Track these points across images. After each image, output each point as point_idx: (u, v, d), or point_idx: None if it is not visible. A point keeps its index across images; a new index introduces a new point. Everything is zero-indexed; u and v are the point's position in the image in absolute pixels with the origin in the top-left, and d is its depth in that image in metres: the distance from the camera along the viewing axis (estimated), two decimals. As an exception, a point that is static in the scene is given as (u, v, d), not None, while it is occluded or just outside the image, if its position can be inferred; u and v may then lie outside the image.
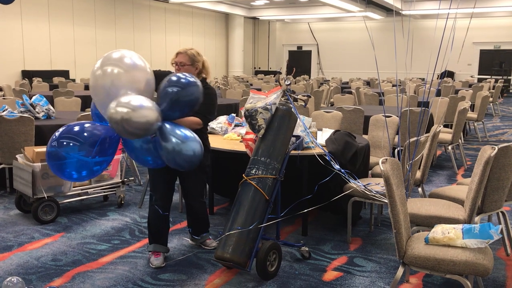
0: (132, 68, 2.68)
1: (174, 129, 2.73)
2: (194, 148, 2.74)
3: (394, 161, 2.62)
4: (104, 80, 2.63)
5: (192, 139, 2.75)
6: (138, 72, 2.70)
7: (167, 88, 2.73)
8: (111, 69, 2.62)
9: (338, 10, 20.58)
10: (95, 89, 2.69)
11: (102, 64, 2.66)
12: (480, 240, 2.40)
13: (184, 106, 2.75)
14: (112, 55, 2.69)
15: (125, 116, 2.49)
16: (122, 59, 2.67)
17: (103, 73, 2.63)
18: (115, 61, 2.65)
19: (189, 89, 2.74)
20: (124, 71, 2.64)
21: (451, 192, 3.53)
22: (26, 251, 3.54)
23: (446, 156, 7.16)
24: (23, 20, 15.59)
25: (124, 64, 2.65)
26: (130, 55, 2.71)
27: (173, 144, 2.68)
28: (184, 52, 3.30)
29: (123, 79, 2.63)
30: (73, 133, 2.67)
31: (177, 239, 3.81)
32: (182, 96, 2.71)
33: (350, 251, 3.62)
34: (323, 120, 5.41)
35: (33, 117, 5.35)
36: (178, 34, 22.06)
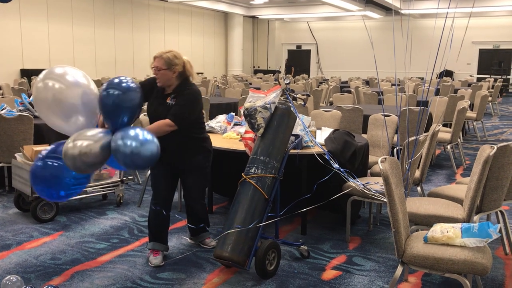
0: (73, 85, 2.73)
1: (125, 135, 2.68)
2: (152, 150, 2.65)
3: (393, 160, 2.62)
4: (46, 94, 2.69)
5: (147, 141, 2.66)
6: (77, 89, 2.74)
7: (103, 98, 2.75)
8: (53, 84, 2.69)
9: (337, 9, 20.58)
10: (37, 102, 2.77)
11: (44, 77, 2.74)
12: (479, 239, 2.41)
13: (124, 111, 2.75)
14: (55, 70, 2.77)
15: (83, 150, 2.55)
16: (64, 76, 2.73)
17: (45, 86, 2.70)
18: (57, 76, 2.72)
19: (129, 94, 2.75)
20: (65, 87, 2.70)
21: (450, 191, 3.53)
22: (25, 250, 3.54)
23: (445, 155, 7.16)
24: (22, 19, 15.57)
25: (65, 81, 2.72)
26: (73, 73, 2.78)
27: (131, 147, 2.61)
28: (159, 56, 3.22)
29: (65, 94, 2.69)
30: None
31: (176, 238, 3.81)
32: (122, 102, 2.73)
33: (349, 250, 3.62)
34: (322, 119, 5.41)
35: (32, 115, 5.35)
36: (177, 33, 22.05)
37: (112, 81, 2.78)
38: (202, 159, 3.38)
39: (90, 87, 2.82)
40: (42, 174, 2.70)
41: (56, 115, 2.72)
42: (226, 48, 25.27)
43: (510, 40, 22.43)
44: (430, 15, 22.78)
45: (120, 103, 2.72)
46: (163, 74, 3.23)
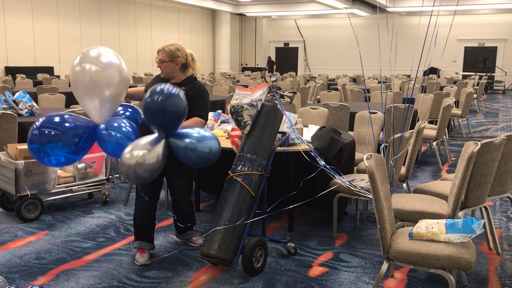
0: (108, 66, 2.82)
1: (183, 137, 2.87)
2: (211, 146, 2.90)
3: (378, 157, 2.64)
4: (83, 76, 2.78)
5: (209, 137, 2.91)
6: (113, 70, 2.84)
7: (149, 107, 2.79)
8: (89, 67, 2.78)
9: (324, 6, 20.62)
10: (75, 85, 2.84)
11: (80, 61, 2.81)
12: (463, 235, 2.43)
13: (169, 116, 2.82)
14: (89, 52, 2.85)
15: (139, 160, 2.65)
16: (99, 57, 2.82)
17: (82, 70, 2.78)
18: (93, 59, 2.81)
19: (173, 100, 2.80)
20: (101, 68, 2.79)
21: (435, 187, 3.56)
22: (9, 250, 3.50)
23: (431, 152, 7.22)
24: (5, 15, 15.36)
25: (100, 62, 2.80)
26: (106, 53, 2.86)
27: (187, 143, 2.84)
28: (162, 49, 3.35)
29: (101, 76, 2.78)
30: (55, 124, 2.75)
31: (163, 236, 3.79)
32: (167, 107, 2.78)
33: (336, 246, 3.64)
34: (309, 117, 5.42)
35: (16, 114, 5.29)
36: (164, 30, 21.93)
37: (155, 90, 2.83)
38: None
39: (122, 66, 2.90)
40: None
41: (94, 97, 2.80)
42: (213, 46, 25.21)
43: (494, 38, 22.70)
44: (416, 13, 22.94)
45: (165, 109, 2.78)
46: (166, 66, 3.36)
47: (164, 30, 21.91)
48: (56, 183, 4.26)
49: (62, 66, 17.44)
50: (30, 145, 2.73)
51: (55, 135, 2.71)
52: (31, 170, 4.04)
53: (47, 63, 16.82)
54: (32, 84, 10.96)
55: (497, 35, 22.61)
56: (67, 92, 8.26)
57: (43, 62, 16.70)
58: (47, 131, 2.71)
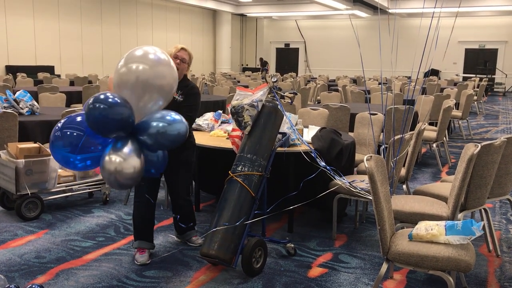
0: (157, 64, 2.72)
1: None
2: (179, 129, 2.76)
3: (378, 158, 2.64)
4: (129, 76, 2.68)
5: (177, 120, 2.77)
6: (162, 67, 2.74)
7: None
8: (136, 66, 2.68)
9: (325, 7, 20.64)
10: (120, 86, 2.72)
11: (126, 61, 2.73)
12: (462, 237, 2.44)
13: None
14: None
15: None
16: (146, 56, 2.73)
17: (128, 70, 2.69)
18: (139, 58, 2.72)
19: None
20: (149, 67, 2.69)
21: (435, 189, 3.57)
22: (9, 249, 3.50)
23: (431, 153, 7.23)
24: (7, 14, 15.37)
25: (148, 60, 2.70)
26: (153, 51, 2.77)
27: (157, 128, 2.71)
28: (187, 50, 3.39)
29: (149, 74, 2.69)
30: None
31: (163, 236, 3.79)
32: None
33: (335, 247, 3.64)
34: (310, 118, 5.42)
35: (17, 112, 5.29)
36: (165, 30, 21.94)
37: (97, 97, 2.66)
38: (188, 153, 3.40)
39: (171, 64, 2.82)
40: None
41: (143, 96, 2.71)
42: (214, 46, 25.22)
43: (495, 40, 22.71)
44: (417, 14, 22.96)
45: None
46: (184, 68, 3.38)
47: (165, 30, 21.92)
48: (56, 182, 4.26)
49: (62, 65, 17.45)
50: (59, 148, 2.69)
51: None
52: (31, 169, 4.04)
53: (48, 62, 16.83)
54: (32, 83, 10.96)
55: (498, 37, 22.63)
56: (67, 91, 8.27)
57: (44, 61, 16.71)
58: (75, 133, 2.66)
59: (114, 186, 2.69)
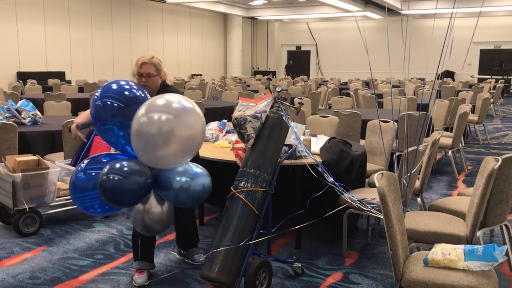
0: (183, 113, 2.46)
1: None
2: (203, 183, 2.66)
3: (390, 175, 2.44)
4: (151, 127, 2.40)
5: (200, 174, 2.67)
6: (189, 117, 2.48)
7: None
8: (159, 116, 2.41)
9: (336, 10, 20.39)
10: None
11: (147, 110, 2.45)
12: (483, 263, 2.22)
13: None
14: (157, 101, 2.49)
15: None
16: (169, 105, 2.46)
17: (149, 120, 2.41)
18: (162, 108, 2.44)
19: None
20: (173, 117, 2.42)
21: (452, 204, 3.34)
22: (3, 268, 3.35)
23: (446, 160, 6.97)
24: (18, 21, 15.40)
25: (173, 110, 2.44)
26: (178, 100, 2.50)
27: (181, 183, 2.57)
28: (150, 62, 3.07)
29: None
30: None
31: (164, 253, 3.62)
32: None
33: (346, 266, 3.44)
34: (319, 125, 5.23)
35: (19, 123, 5.19)
36: (175, 34, 21.88)
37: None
38: None
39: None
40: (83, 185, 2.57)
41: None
42: (225, 50, 25.10)
43: (511, 40, 22.23)
44: (430, 15, 22.59)
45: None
46: (154, 81, 3.11)
47: (175, 34, 21.85)
48: (55, 196, 4.11)
49: (73, 71, 17.45)
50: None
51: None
52: (29, 183, 3.90)
53: (59, 68, 16.84)
54: (41, 90, 10.91)
55: (514, 38, 22.16)
56: (75, 99, 8.18)
57: (55, 67, 16.72)
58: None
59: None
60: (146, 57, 3.09)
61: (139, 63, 3.06)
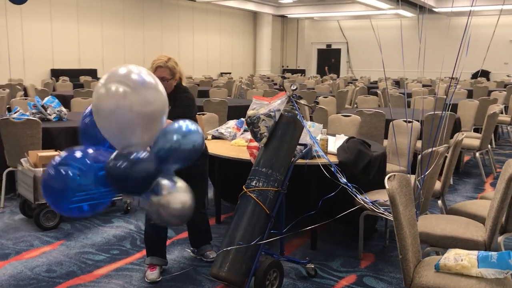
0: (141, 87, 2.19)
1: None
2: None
3: (403, 177, 2.37)
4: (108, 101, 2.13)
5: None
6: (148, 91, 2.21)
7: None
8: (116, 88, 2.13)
9: (368, 7, 20.09)
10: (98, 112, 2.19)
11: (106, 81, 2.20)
12: (498, 270, 2.12)
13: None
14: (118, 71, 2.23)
15: None
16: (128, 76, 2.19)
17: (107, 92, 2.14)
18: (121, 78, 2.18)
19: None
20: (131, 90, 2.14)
21: (472, 208, 3.23)
22: (22, 260, 3.43)
23: (475, 162, 6.75)
24: (52, 20, 15.79)
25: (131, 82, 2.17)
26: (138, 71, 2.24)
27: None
28: (165, 67, 3.04)
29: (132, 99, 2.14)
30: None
31: (178, 250, 3.63)
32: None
33: (361, 268, 3.37)
34: (341, 125, 5.14)
35: (44, 119, 5.29)
36: (206, 33, 22.00)
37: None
38: (199, 163, 3.20)
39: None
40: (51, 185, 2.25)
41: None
42: (254, 48, 25.08)
43: (551, 39, 21.40)
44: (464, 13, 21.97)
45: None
46: (169, 85, 3.08)
47: (205, 32, 21.97)
48: (76, 191, 4.17)
49: (105, 68, 17.76)
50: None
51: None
52: (50, 178, 3.97)
53: (91, 65, 17.17)
54: (72, 87, 11.16)
55: (554, 36, 21.32)
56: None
57: (87, 65, 17.06)
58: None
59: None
60: (161, 60, 3.08)
61: (154, 66, 3.07)
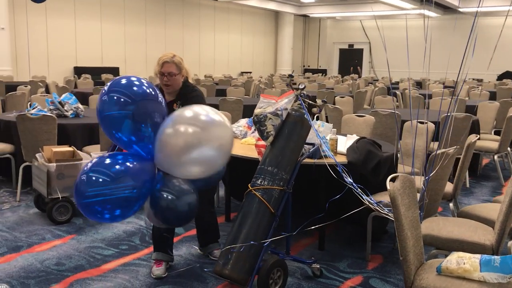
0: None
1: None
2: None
3: (406, 178, 2.34)
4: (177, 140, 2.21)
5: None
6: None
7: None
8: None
9: (391, 7, 19.87)
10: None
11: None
12: (501, 275, 2.08)
13: None
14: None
15: None
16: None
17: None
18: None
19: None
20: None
21: (483, 211, 3.16)
22: (33, 253, 3.50)
23: (494, 165, 6.61)
24: (76, 18, 16.07)
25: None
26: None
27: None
28: (171, 62, 3.08)
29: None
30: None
31: (186, 247, 3.66)
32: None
33: (367, 270, 3.33)
34: (354, 125, 5.10)
35: (61, 115, 5.40)
36: (227, 32, 22.07)
37: None
38: None
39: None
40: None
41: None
42: (276, 47, 25.05)
43: None
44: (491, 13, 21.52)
45: None
46: (177, 80, 3.12)
47: (227, 32, 22.05)
48: (89, 187, 4.24)
49: (127, 66, 18.00)
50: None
51: None
52: (63, 173, 4.05)
53: (114, 64, 17.42)
54: (92, 85, 11.33)
55: None
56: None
57: (110, 63, 17.31)
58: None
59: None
60: (167, 56, 3.11)
61: (161, 62, 3.09)
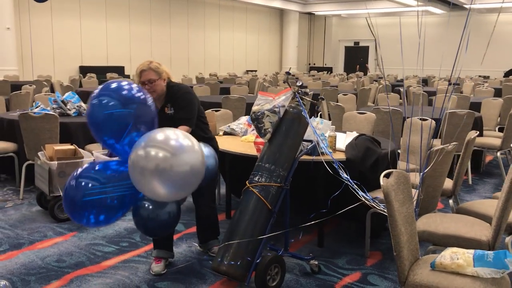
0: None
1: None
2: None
3: (401, 174, 2.34)
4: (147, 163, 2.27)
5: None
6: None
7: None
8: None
9: (396, 4, 19.79)
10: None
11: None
12: (494, 270, 2.08)
13: None
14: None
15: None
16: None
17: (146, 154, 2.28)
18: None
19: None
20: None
21: (481, 207, 3.16)
22: (35, 250, 3.54)
23: (498, 162, 6.59)
24: (81, 18, 16.15)
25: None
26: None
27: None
28: (148, 69, 3.06)
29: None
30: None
31: (186, 244, 3.68)
32: None
33: (366, 266, 3.34)
34: (356, 122, 5.10)
35: (64, 113, 5.44)
36: (232, 30, 22.08)
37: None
38: None
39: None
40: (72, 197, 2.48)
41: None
42: (281, 45, 25.03)
43: None
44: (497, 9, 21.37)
45: None
46: (158, 85, 3.11)
47: (232, 30, 22.06)
48: (90, 184, 4.27)
49: (132, 66, 18.06)
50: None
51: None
52: (64, 171, 4.08)
53: (119, 63, 17.49)
54: (97, 84, 11.39)
55: None
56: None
57: (115, 62, 17.38)
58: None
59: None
60: (143, 64, 3.09)
61: (138, 71, 3.09)
